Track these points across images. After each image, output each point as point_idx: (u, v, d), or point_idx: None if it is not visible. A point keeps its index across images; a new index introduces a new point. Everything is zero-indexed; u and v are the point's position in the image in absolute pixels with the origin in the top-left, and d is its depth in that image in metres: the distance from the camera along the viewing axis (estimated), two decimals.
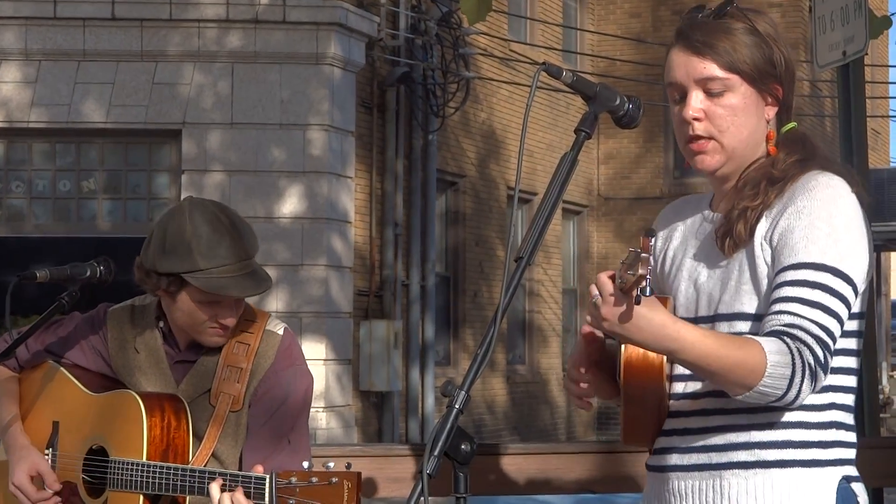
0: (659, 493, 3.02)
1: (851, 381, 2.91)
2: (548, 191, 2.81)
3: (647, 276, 2.54)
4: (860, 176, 3.00)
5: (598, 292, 2.68)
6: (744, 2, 3.04)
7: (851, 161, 5.93)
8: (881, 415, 19.83)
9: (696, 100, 2.96)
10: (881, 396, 22.04)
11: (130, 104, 13.40)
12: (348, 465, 3.31)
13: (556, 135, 19.84)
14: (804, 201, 2.86)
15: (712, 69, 2.95)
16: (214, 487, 3.45)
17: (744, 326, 2.89)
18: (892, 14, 8.26)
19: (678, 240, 3.10)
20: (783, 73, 2.99)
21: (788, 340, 2.74)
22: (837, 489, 2.87)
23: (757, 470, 2.88)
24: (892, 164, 29.88)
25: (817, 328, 2.76)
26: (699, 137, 2.96)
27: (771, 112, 3.00)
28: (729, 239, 2.92)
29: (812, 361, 2.73)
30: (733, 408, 2.88)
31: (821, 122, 22.84)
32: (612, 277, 2.65)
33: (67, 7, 13.27)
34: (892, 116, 28.18)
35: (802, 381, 2.73)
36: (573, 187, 20.17)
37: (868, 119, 6.22)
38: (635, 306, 2.63)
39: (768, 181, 2.91)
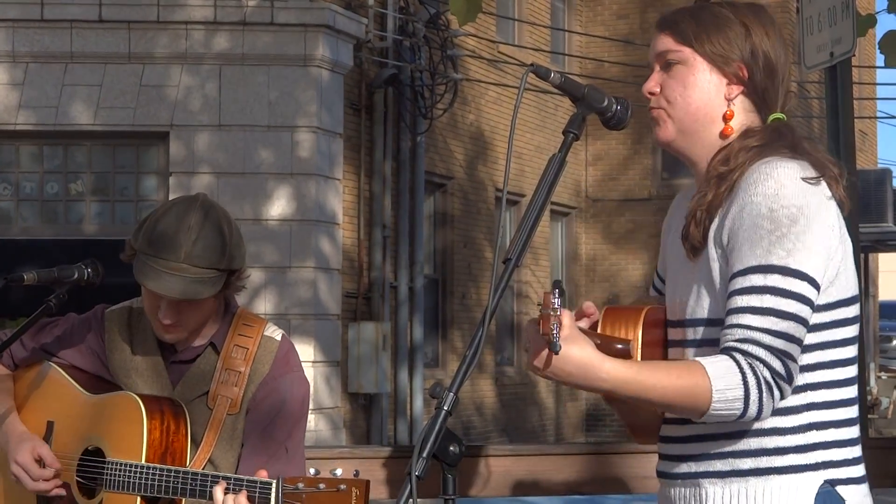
0: (662, 499, 3.03)
1: (836, 374, 2.84)
2: (536, 192, 2.81)
3: (553, 334, 2.56)
4: (841, 167, 2.91)
5: (525, 340, 2.71)
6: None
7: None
8: (869, 416, 19.87)
9: (654, 75, 2.98)
10: (869, 398, 22.07)
11: (118, 106, 13.38)
12: (356, 473, 3.28)
13: (544, 136, 19.85)
14: (745, 197, 2.80)
15: (667, 42, 2.96)
16: (218, 490, 3.43)
17: (707, 332, 2.86)
18: (878, 13, 8.26)
19: (673, 230, 3.07)
20: (748, 53, 2.93)
21: (740, 358, 2.70)
22: (817, 494, 2.82)
23: (733, 478, 2.85)
24: (879, 166, 29.92)
25: (770, 337, 2.70)
26: (652, 108, 2.98)
27: (734, 91, 2.94)
28: (688, 242, 2.90)
29: (768, 375, 2.69)
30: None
31: (808, 124, 22.87)
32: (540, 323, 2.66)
33: (55, 9, 13.25)
34: (879, 118, 28.23)
35: (761, 398, 2.69)
36: (561, 189, 20.17)
37: (855, 120, 6.22)
38: (555, 355, 2.64)
39: (718, 178, 2.87)
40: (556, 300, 2.58)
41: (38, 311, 3.70)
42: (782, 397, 2.72)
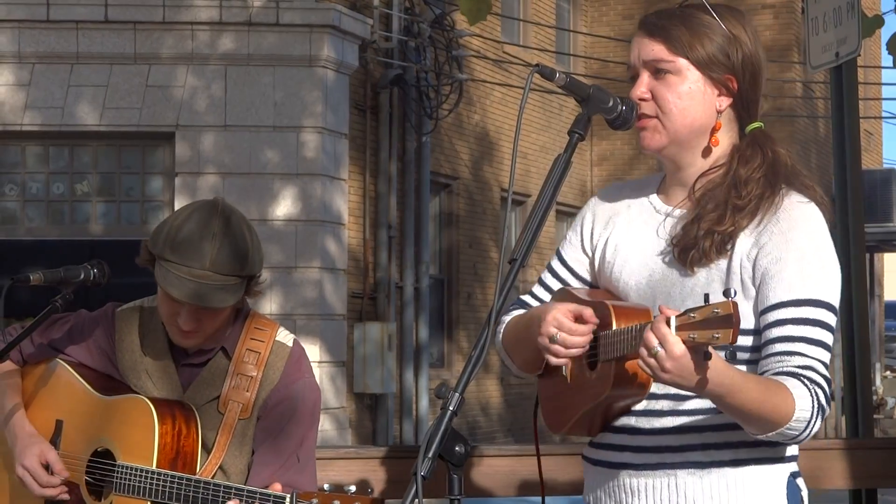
0: (608, 489, 3.03)
1: None
2: (541, 193, 2.81)
3: (736, 343, 2.56)
4: (813, 178, 3.02)
5: (657, 344, 2.63)
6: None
7: (845, 162, 5.94)
8: (875, 416, 19.82)
9: (644, 81, 2.99)
10: (874, 398, 22.02)
11: (124, 107, 13.39)
12: (370, 491, 3.27)
13: (549, 136, 19.85)
14: (792, 232, 2.89)
15: (660, 51, 2.98)
16: None
17: None
18: (885, 13, 8.26)
19: (622, 227, 3.09)
20: (738, 65, 2.97)
21: (808, 384, 2.79)
22: (787, 484, 2.94)
23: (712, 469, 2.91)
24: (884, 165, 29.89)
25: (822, 367, 2.83)
26: (646, 117, 2.99)
27: (724, 102, 2.99)
28: (694, 253, 2.92)
29: (824, 402, 2.80)
30: (686, 409, 2.91)
31: (814, 124, 22.86)
32: (668, 322, 2.61)
33: (61, 10, 13.26)
34: (884, 117, 28.20)
35: (816, 422, 2.79)
36: (567, 189, 20.16)
37: (861, 120, 6.22)
38: (704, 362, 2.63)
39: (734, 209, 2.91)
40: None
41: (44, 312, 3.70)
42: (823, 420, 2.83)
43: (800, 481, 2.98)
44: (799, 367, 2.80)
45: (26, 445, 3.73)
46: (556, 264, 3.21)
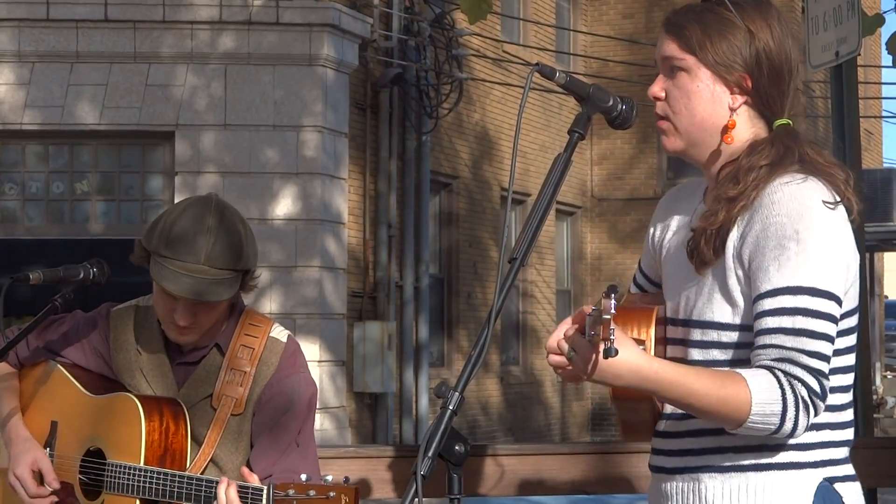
0: (652, 494, 3.04)
1: (836, 380, 2.84)
2: (541, 192, 2.81)
3: (611, 339, 2.55)
4: (847, 171, 2.92)
5: (568, 349, 2.70)
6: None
7: (845, 161, 5.93)
8: (875, 415, 19.84)
9: (660, 80, 2.97)
10: (875, 397, 22.02)
11: (124, 106, 13.39)
12: (346, 480, 3.29)
13: (549, 136, 19.84)
14: (769, 217, 2.80)
15: (672, 48, 2.95)
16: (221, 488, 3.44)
17: (714, 335, 2.87)
18: (885, 12, 8.25)
19: (672, 231, 3.07)
20: (752, 61, 2.91)
21: (780, 375, 2.71)
22: (816, 491, 2.84)
23: (733, 473, 2.87)
24: (885, 165, 29.89)
25: (806, 357, 2.73)
26: (660, 117, 2.97)
27: (738, 100, 2.93)
28: (696, 257, 2.90)
29: (806, 394, 2.71)
30: None
31: (814, 123, 22.86)
32: (583, 330, 2.67)
33: (60, 9, 13.26)
34: (884, 117, 28.21)
35: (797, 415, 2.71)
36: (567, 188, 20.16)
37: (861, 119, 6.22)
38: (606, 359, 2.62)
39: (727, 201, 2.86)
40: (613, 304, 2.57)
41: (43, 311, 3.70)
42: (816, 415, 2.75)
43: (842, 486, 2.87)
44: (775, 360, 2.73)
45: (20, 452, 3.74)
46: (637, 274, 3.21)
